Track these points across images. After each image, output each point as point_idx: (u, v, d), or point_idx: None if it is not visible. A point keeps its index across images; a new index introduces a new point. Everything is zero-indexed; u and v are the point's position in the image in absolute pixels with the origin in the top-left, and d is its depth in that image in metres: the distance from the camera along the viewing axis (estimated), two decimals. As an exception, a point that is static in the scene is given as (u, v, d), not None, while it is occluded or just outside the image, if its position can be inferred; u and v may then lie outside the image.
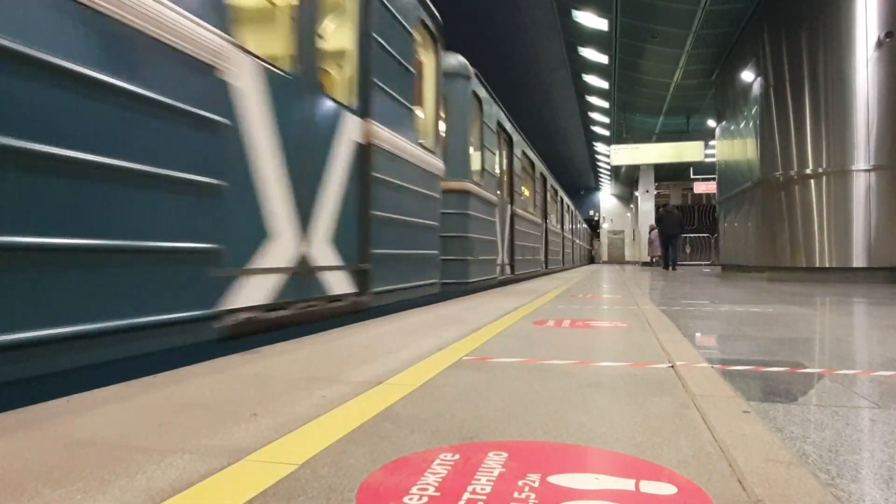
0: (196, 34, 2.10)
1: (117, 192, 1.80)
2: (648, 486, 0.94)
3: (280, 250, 2.73)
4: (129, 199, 1.84)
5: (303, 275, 2.94)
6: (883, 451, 1.24)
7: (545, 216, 12.95)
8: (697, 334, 3.23)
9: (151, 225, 1.93)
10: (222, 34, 2.25)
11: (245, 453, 1.09)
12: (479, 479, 0.96)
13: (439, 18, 5.30)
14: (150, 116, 1.92)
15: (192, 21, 2.08)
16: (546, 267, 12.97)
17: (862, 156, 8.51)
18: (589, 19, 13.06)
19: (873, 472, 1.12)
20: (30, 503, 0.88)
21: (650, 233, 20.44)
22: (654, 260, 20.21)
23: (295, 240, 2.87)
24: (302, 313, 2.90)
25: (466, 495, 0.90)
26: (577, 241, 24.19)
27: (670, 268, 15.34)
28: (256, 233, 2.56)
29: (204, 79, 2.17)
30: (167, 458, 1.07)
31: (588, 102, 20.77)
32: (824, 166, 8.85)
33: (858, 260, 8.51)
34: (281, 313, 2.70)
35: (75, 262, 1.68)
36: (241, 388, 1.62)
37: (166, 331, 2.02)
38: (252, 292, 2.51)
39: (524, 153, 10.21)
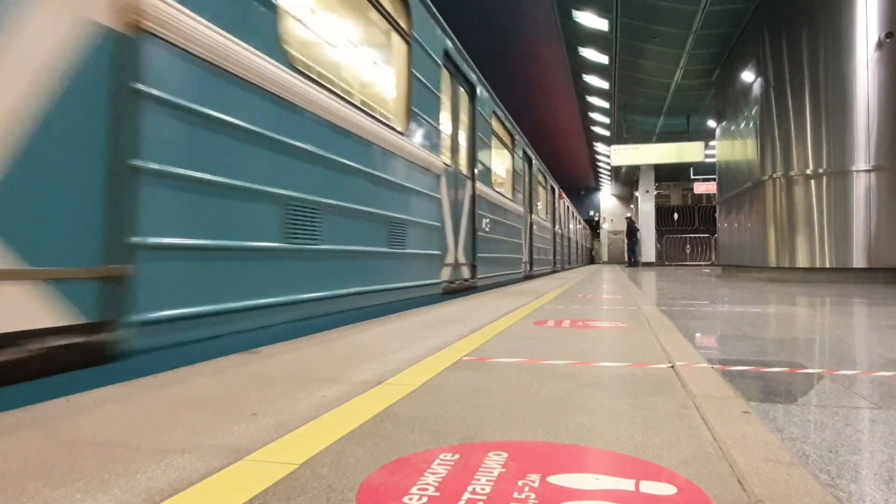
0: (437, 164, 4.84)
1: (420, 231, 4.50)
2: (648, 487, 0.94)
3: (450, 254, 5.36)
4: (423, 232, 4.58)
5: (456, 266, 5.54)
6: (883, 452, 1.24)
7: (569, 234, 19.11)
8: (697, 334, 3.24)
9: (425, 243, 4.59)
10: (441, 160, 4.99)
11: (245, 453, 1.09)
12: (478, 479, 0.96)
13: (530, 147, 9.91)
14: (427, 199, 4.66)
15: (435, 157, 4.79)
16: (570, 264, 19.12)
17: (862, 156, 8.50)
18: (589, 19, 13.05)
19: (873, 473, 1.12)
20: (30, 503, 0.88)
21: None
22: (632, 260, 24.08)
23: (454, 248, 5.47)
24: (459, 287, 5.60)
25: (466, 495, 0.90)
26: (580, 243, 27.70)
27: (630, 266, 21.30)
28: (445, 246, 5.19)
29: (436, 179, 4.85)
30: (167, 458, 1.07)
31: (588, 102, 20.74)
32: (824, 166, 8.85)
33: (858, 260, 8.51)
34: (454, 285, 5.42)
35: (412, 259, 4.28)
36: (241, 388, 1.62)
37: (430, 287, 4.69)
38: (445, 274, 5.18)
39: (565, 204, 17.47)
